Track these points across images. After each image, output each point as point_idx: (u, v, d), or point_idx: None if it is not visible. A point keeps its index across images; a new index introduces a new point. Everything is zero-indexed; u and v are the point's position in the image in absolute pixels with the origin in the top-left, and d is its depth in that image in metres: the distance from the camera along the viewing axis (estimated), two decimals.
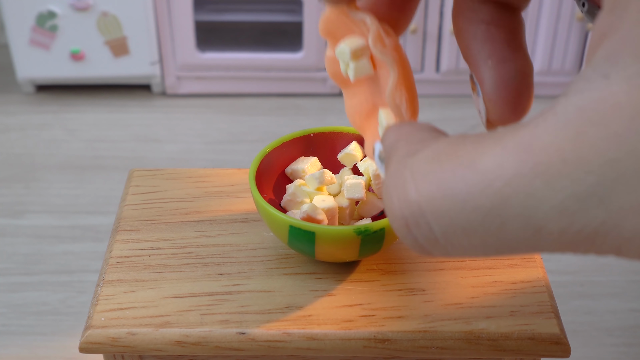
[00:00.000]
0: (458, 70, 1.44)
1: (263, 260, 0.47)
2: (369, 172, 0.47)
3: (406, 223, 0.24)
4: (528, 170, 0.21)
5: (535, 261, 0.48)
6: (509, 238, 0.22)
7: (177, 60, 1.43)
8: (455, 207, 0.22)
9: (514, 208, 0.21)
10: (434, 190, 0.23)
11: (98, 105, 1.43)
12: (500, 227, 0.22)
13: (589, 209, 0.20)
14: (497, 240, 0.22)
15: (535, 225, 0.21)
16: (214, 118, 1.40)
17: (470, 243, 0.23)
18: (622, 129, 0.19)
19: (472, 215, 0.22)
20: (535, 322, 0.43)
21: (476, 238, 0.22)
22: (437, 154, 0.23)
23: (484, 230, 0.22)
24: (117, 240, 0.49)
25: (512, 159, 0.21)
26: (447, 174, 0.23)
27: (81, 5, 1.34)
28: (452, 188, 0.22)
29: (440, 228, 0.23)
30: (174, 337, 0.43)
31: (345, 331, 0.43)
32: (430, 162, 0.23)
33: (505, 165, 0.21)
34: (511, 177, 0.21)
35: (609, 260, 1.07)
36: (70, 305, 1.01)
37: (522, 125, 0.22)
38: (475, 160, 0.22)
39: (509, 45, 0.30)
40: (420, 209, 0.23)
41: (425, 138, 0.25)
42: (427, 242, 0.24)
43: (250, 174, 0.46)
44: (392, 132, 0.27)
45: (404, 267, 0.47)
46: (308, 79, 1.46)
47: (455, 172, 0.22)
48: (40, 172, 1.26)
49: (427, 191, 0.23)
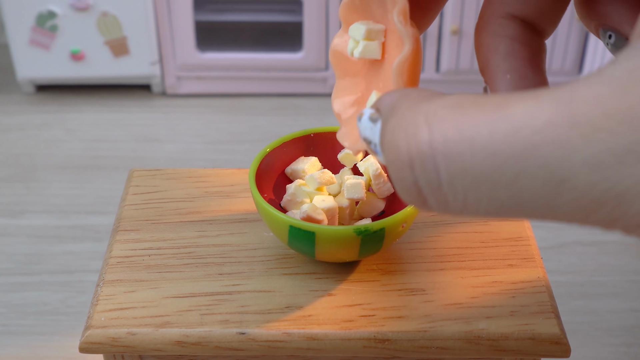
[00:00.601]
0: (458, 71, 1.44)
1: (263, 260, 0.47)
2: (369, 172, 0.48)
3: (410, 163, 0.22)
4: (563, 120, 0.20)
5: (535, 261, 0.48)
6: (522, 191, 0.21)
7: (177, 60, 1.43)
8: (471, 151, 0.21)
9: (538, 158, 0.20)
10: (450, 132, 0.22)
11: (98, 105, 1.43)
12: (515, 178, 0.21)
13: (624, 166, 0.19)
14: (507, 193, 0.21)
15: (559, 178, 0.20)
16: (214, 118, 1.40)
17: (476, 194, 0.22)
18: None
19: (488, 160, 0.21)
20: (535, 322, 0.43)
21: (485, 188, 0.21)
22: (460, 101, 0.22)
23: (496, 179, 0.21)
24: (117, 240, 0.49)
25: (547, 109, 0.20)
26: (469, 117, 0.21)
27: (81, 5, 1.34)
28: (472, 130, 0.21)
29: (449, 172, 0.22)
30: (174, 337, 0.43)
31: (345, 331, 0.43)
32: (450, 107, 0.22)
33: (537, 115, 0.20)
34: (542, 126, 0.20)
35: (609, 260, 1.07)
36: (70, 305, 1.01)
37: (558, 85, 0.21)
38: (503, 106, 0.21)
39: (530, 64, 0.30)
40: (431, 148, 0.22)
41: (439, 93, 0.24)
42: (428, 186, 0.22)
43: (250, 174, 0.46)
44: (394, 93, 0.25)
45: (404, 267, 0.47)
46: (308, 79, 1.46)
47: (479, 116, 0.21)
48: (40, 172, 1.26)
49: (443, 132, 0.22)
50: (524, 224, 0.51)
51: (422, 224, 0.50)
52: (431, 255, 0.48)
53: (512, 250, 0.48)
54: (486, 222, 0.50)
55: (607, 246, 1.10)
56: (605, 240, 1.11)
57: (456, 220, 0.51)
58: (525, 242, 0.49)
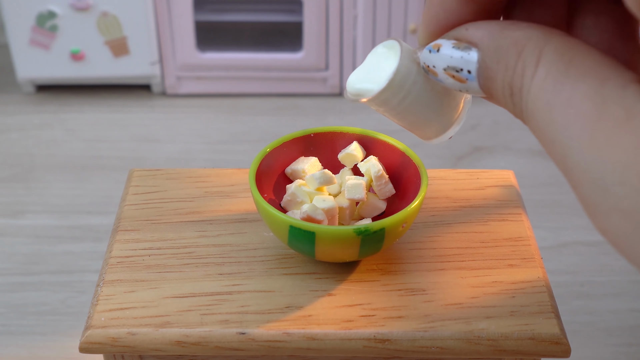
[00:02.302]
0: None
1: (263, 260, 0.47)
2: (370, 173, 0.48)
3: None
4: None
5: (535, 261, 0.48)
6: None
7: (177, 60, 1.43)
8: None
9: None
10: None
11: (98, 105, 1.43)
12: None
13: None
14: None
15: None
16: (214, 118, 1.40)
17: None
18: None
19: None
20: (535, 322, 0.43)
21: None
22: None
23: None
24: (117, 240, 0.49)
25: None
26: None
27: (81, 5, 1.34)
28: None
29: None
30: (174, 337, 0.43)
31: (345, 331, 0.43)
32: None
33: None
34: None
35: (609, 260, 1.07)
36: (70, 305, 1.01)
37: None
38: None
39: (619, 35, 0.30)
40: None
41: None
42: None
43: (250, 174, 0.46)
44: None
45: (404, 267, 0.47)
46: (308, 79, 1.46)
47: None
48: (40, 172, 1.26)
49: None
50: (524, 224, 0.51)
51: (422, 224, 0.50)
52: (431, 255, 0.48)
53: (512, 250, 0.48)
54: (486, 222, 0.50)
55: (607, 246, 1.10)
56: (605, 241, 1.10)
57: (456, 220, 0.51)
58: (525, 242, 0.49)
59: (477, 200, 0.52)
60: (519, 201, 0.52)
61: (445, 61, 0.31)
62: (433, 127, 0.36)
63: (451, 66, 0.30)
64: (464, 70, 0.30)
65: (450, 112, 0.35)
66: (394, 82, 0.34)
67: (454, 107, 0.35)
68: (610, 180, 0.23)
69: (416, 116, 0.35)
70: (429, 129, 0.36)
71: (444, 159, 1.26)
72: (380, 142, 0.49)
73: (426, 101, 0.34)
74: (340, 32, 1.39)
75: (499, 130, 1.32)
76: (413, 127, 0.36)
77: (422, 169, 0.46)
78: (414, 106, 0.35)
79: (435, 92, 0.34)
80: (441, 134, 0.36)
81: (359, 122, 1.35)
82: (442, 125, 0.36)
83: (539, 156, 1.27)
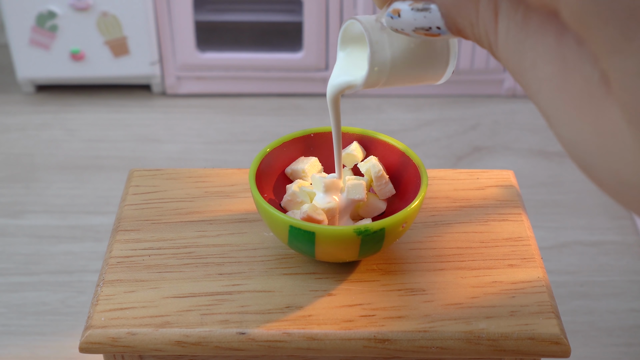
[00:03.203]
0: (458, 71, 1.44)
1: (263, 260, 0.47)
2: (370, 173, 0.48)
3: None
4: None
5: (535, 261, 0.48)
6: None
7: (177, 60, 1.43)
8: None
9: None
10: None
11: (98, 105, 1.43)
12: None
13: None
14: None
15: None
16: (214, 118, 1.40)
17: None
18: None
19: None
20: (535, 322, 0.43)
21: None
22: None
23: None
24: (117, 240, 0.49)
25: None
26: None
27: (81, 5, 1.34)
28: None
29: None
30: (174, 337, 0.43)
31: (345, 331, 0.43)
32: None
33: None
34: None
35: (609, 260, 1.07)
36: (70, 305, 1.01)
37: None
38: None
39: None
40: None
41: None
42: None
43: (250, 174, 0.46)
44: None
45: (404, 267, 0.47)
46: (308, 79, 1.46)
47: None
48: (40, 172, 1.26)
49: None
50: (524, 224, 0.51)
51: (422, 224, 0.50)
52: (431, 255, 0.48)
53: (512, 250, 0.48)
54: (486, 222, 0.50)
55: (607, 246, 1.10)
56: (605, 241, 1.11)
57: (456, 220, 0.51)
58: (525, 242, 0.49)
59: (477, 200, 0.52)
60: (519, 201, 0.52)
61: (411, 24, 0.31)
62: (434, 70, 0.38)
63: (419, 27, 0.31)
64: (433, 27, 0.30)
65: (442, 51, 0.38)
66: (375, 57, 0.36)
67: (444, 45, 0.38)
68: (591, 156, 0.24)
69: (414, 70, 0.37)
70: (432, 73, 0.38)
71: (444, 159, 1.26)
72: (380, 142, 0.49)
73: (413, 56, 0.37)
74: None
75: (499, 130, 1.32)
76: (418, 80, 0.38)
77: (422, 169, 0.46)
78: (405, 65, 0.37)
79: (416, 44, 0.37)
80: (445, 70, 0.38)
81: (359, 122, 1.35)
82: (441, 64, 0.38)
83: (539, 156, 1.28)
